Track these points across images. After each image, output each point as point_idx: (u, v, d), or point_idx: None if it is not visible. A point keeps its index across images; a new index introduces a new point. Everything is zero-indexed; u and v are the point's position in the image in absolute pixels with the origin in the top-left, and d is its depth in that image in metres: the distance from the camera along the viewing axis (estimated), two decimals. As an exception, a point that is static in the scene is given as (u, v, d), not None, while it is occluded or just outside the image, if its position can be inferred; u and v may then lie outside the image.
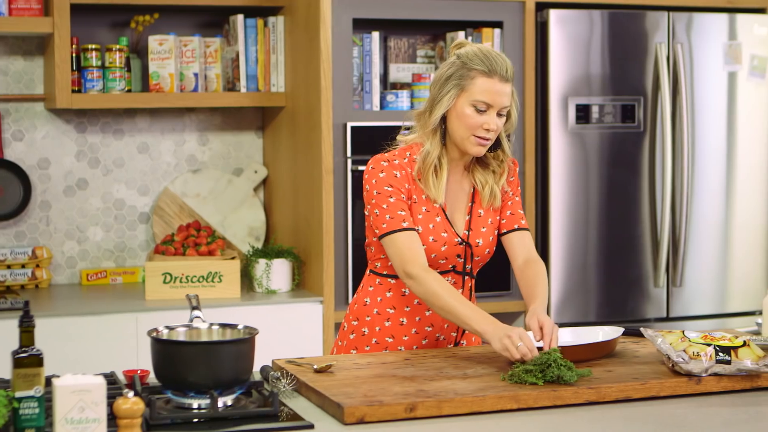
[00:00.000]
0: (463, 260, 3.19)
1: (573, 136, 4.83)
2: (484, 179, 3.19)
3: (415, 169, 3.13)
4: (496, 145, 3.16)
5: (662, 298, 4.99)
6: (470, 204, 3.20)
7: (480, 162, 3.20)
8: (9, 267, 4.79)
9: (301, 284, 4.80)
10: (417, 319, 3.20)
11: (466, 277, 3.22)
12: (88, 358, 4.25)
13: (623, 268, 4.95)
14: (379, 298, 3.23)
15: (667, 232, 4.93)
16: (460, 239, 3.16)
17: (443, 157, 3.13)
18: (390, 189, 3.10)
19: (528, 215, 4.84)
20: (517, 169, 3.29)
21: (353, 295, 4.58)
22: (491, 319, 2.94)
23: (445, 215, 3.15)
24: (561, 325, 4.67)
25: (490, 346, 2.92)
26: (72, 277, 4.97)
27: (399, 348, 3.20)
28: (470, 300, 3.28)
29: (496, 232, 3.23)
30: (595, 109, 4.84)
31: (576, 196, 4.85)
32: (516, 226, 3.24)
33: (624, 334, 3.23)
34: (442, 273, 3.15)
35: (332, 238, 4.56)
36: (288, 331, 4.53)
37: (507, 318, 5.00)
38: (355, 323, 3.27)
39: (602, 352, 2.99)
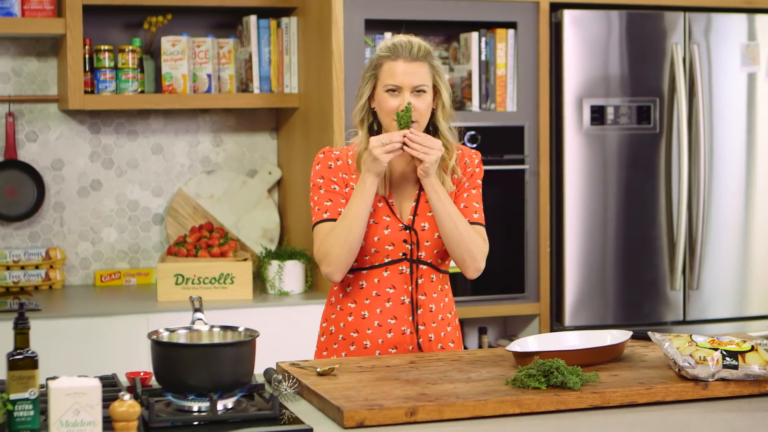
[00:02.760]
0: (410, 247, 3.20)
1: (588, 138, 4.79)
2: None
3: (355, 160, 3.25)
4: (435, 131, 3.24)
5: (679, 301, 4.95)
6: (418, 191, 3.24)
7: None
8: (23, 268, 4.79)
9: (314, 286, 4.78)
10: (378, 311, 3.20)
11: (421, 266, 3.22)
12: (99, 359, 4.24)
13: (640, 270, 4.90)
14: (341, 295, 3.26)
15: (683, 234, 4.88)
16: (404, 225, 3.19)
17: None
18: (320, 181, 3.23)
19: (542, 217, 4.81)
20: (478, 160, 3.32)
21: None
22: (363, 168, 3.12)
23: (388, 203, 3.21)
24: (576, 328, 4.68)
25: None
26: (86, 279, 4.97)
27: (364, 343, 3.20)
28: (445, 297, 3.30)
29: None
30: (610, 111, 4.80)
31: (591, 198, 4.81)
32: (468, 220, 3.24)
33: (633, 337, 3.19)
34: (394, 262, 3.19)
35: (344, 240, 4.53)
36: (300, 333, 4.50)
37: (522, 321, 4.97)
38: (324, 325, 3.32)
39: (609, 355, 2.95)
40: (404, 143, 3.07)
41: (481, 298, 4.78)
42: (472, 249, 3.21)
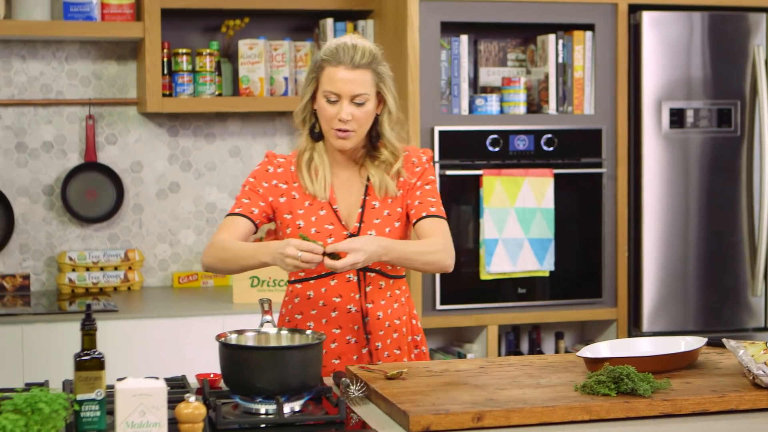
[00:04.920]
0: None
1: (667, 141, 4.72)
2: (374, 172, 3.14)
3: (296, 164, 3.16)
4: (378, 136, 3.13)
5: (760, 307, 4.86)
6: (364, 197, 3.14)
7: (370, 155, 3.16)
8: (102, 269, 4.85)
9: (389, 289, 4.78)
10: (323, 321, 3.13)
11: (369, 273, 3.12)
12: (175, 360, 4.27)
13: (720, 276, 4.83)
14: (290, 306, 3.19)
15: (765, 239, 4.79)
16: (348, 233, 3.09)
17: (320, 153, 3.13)
18: (252, 180, 3.18)
19: (620, 221, 4.75)
20: (426, 158, 3.19)
21: (440, 300, 4.57)
22: (269, 247, 2.93)
23: (332, 209, 3.11)
24: (654, 334, 4.62)
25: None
26: (164, 280, 5.01)
27: None
28: (394, 303, 3.19)
29: (396, 224, 3.14)
30: (689, 114, 4.73)
31: (670, 202, 4.74)
32: (425, 214, 3.12)
33: (708, 344, 3.13)
34: None
35: (419, 243, 4.52)
36: (374, 336, 4.50)
37: (599, 326, 4.92)
38: None
39: (682, 362, 2.90)
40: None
41: (557, 303, 4.73)
42: (440, 262, 3.08)
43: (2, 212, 4.82)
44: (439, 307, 4.58)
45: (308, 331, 2.74)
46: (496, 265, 4.59)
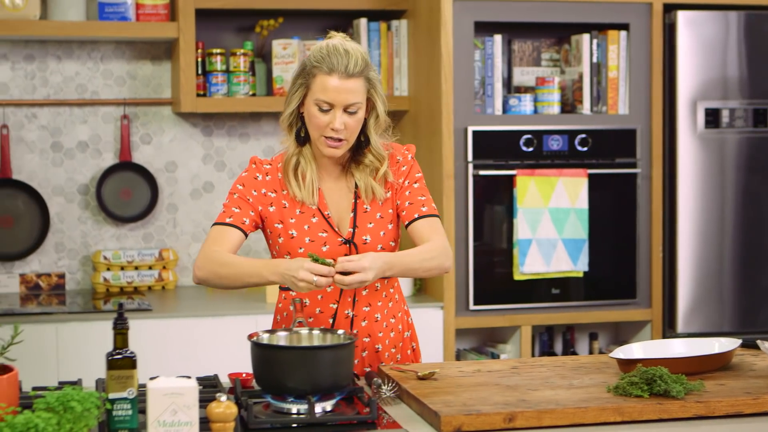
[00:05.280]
0: None
1: (702, 141, 4.69)
2: (360, 176, 3.07)
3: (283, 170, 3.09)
4: (367, 142, 3.06)
5: (797, 308, 4.83)
6: (354, 201, 3.08)
7: (355, 160, 3.09)
8: (136, 268, 4.87)
9: (422, 289, 4.77)
10: (321, 328, 3.03)
11: None
12: (207, 359, 4.29)
13: (756, 276, 4.79)
14: (284, 313, 3.14)
15: (801, 240, 4.77)
16: (343, 239, 3.04)
17: (306, 158, 3.05)
18: (240, 187, 3.07)
19: (654, 221, 4.73)
20: (411, 155, 3.13)
21: (473, 301, 4.56)
22: (277, 267, 2.85)
23: (324, 215, 3.05)
24: (689, 335, 4.59)
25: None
26: (198, 279, 5.02)
27: None
28: (389, 302, 3.13)
29: (390, 226, 3.08)
30: (725, 114, 4.70)
31: (705, 203, 4.71)
32: (417, 215, 3.06)
33: (742, 345, 3.11)
34: None
35: (453, 243, 4.52)
36: (407, 336, 4.49)
37: (633, 327, 4.90)
38: None
39: (715, 364, 2.88)
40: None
41: (591, 304, 4.71)
42: (440, 266, 3.02)
43: (38, 211, 4.86)
44: (472, 307, 4.58)
45: (340, 331, 2.74)
46: (529, 265, 4.58)
